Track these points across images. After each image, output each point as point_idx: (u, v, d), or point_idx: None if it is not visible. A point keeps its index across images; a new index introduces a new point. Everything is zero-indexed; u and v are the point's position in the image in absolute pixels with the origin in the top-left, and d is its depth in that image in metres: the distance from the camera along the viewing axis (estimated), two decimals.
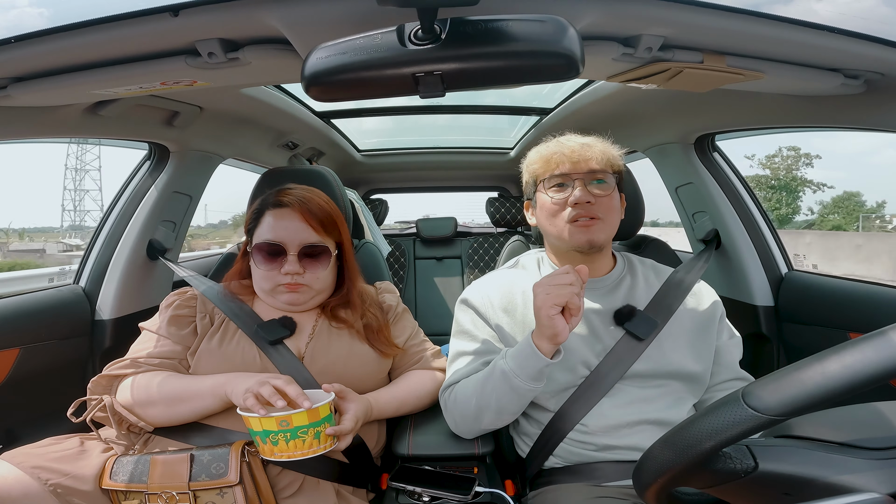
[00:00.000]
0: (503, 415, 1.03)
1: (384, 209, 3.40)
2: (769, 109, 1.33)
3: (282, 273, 1.09)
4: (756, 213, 1.74)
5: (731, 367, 1.12)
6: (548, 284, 0.93)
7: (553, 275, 0.95)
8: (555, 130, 1.21)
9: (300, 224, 1.11)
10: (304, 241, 1.10)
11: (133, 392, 1.01)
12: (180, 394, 1.00)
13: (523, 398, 1.00)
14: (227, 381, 0.98)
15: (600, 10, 0.79)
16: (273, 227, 1.10)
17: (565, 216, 1.06)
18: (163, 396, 1.00)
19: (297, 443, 0.88)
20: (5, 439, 1.38)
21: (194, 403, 1.00)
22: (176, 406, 1.00)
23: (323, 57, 0.69)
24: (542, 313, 0.91)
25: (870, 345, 0.48)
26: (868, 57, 0.93)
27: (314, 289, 1.13)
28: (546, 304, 0.91)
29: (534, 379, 0.96)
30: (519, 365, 0.96)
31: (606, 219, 1.07)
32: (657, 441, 0.60)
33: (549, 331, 0.91)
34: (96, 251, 1.67)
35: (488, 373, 1.02)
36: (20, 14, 24.57)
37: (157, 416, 1.01)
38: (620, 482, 0.97)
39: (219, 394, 0.98)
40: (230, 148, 1.93)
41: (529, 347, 0.95)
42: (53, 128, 1.23)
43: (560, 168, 1.07)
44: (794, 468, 0.52)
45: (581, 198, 1.04)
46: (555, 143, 1.11)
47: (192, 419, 1.02)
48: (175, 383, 1.02)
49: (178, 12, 0.76)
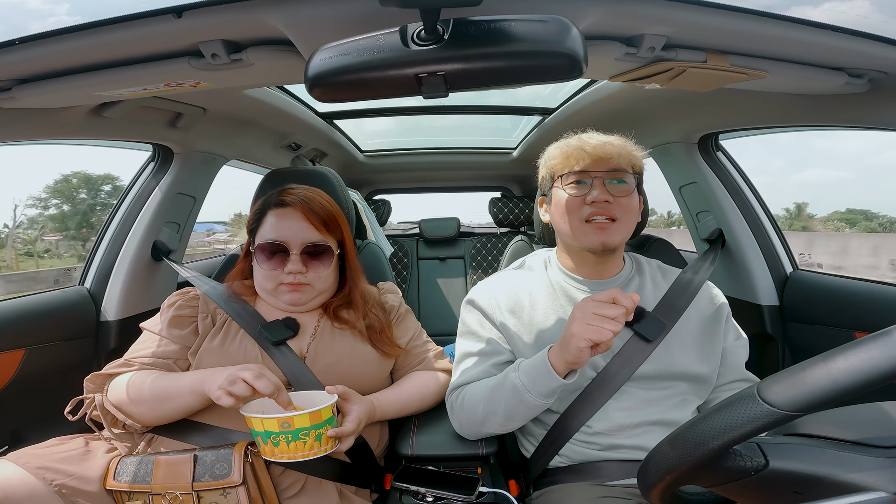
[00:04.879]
0: (510, 423, 1.03)
1: (387, 210, 3.40)
2: (773, 109, 1.33)
3: (284, 272, 1.09)
4: (760, 213, 1.73)
5: (736, 369, 1.11)
6: (592, 314, 0.86)
7: (600, 303, 0.88)
8: (558, 130, 1.20)
9: (303, 223, 1.11)
10: (306, 241, 1.11)
11: (121, 391, 1.00)
12: (163, 392, 0.99)
13: (532, 412, 0.99)
14: (204, 378, 0.96)
15: (603, 10, 0.79)
16: (276, 227, 1.11)
17: (581, 214, 1.04)
18: (148, 395, 0.99)
19: (297, 444, 0.88)
20: (11, 440, 1.39)
21: (177, 402, 0.98)
22: (161, 405, 0.99)
23: (326, 58, 0.69)
24: (574, 343, 0.86)
25: (882, 342, 0.47)
26: (872, 56, 0.93)
27: (316, 288, 1.13)
28: (583, 334, 0.85)
29: (545, 396, 0.95)
30: (532, 381, 0.95)
31: (623, 220, 1.04)
32: (664, 439, 0.60)
33: (573, 358, 0.88)
34: (101, 252, 1.68)
35: (499, 382, 1.01)
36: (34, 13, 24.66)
37: (145, 415, 1.00)
38: (624, 481, 0.97)
39: (197, 391, 0.95)
40: (233, 149, 1.94)
41: (545, 366, 0.93)
42: (58, 130, 1.23)
43: (579, 164, 1.05)
44: (805, 466, 0.52)
45: (599, 197, 1.02)
46: (576, 139, 1.08)
47: (179, 417, 1.02)
48: (159, 382, 1.00)
49: (182, 14, 0.76)
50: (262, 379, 0.88)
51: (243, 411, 0.89)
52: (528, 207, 3.08)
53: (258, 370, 0.90)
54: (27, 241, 25.65)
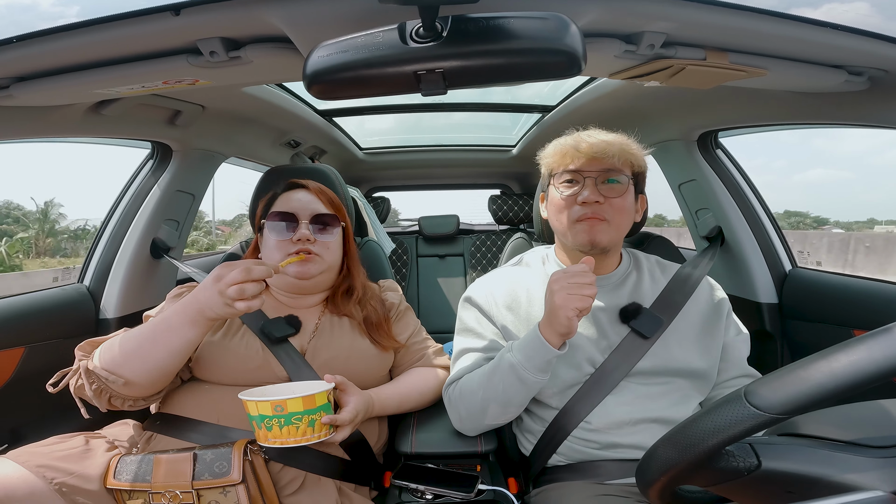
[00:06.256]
0: (509, 407, 1.03)
1: (386, 207, 3.40)
2: (772, 106, 1.33)
3: (293, 241, 1.11)
4: (760, 210, 1.73)
5: (738, 364, 1.11)
6: (569, 283, 0.91)
7: (573, 273, 0.92)
8: (557, 128, 1.20)
9: (312, 198, 1.17)
10: (315, 211, 1.15)
11: (112, 350, 0.96)
12: (149, 336, 0.94)
13: (530, 390, 1.00)
14: (196, 307, 0.91)
15: (602, 7, 0.79)
16: (286, 201, 1.16)
17: (572, 214, 1.05)
18: (133, 347, 0.94)
19: (290, 429, 0.88)
20: (10, 438, 1.39)
21: (171, 342, 0.93)
22: (150, 352, 0.94)
23: (324, 55, 0.69)
24: (562, 314, 0.90)
25: (874, 342, 0.47)
26: (871, 53, 0.93)
27: (325, 260, 1.14)
28: (568, 305, 0.89)
29: (541, 370, 0.96)
30: (527, 357, 0.96)
31: (613, 221, 1.04)
32: (660, 439, 0.60)
33: (565, 329, 0.91)
34: (100, 250, 1.67)
35: (494, 365, 1.02)
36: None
37: (135, 373, 0.94)
38: (623, 480, 0.97)
39: (196, 320, 0.91)
40: (232, 147, 1.94)
41: (538, 339, 0.95)
42: (56, 128, 1.23)
43: (573, 163, 1.05)
44: (798, 466, 0.52)
45: (589, 197, 1.02)
46: (574, 137, 1.08)
47: (172, 364, 0.96)
48: (140, 328, 0.97)
49: (180, 11, 0.76)
50: (253, 271, 0.89)
51: (241, 395, 0.90)
52: (528, 205, 3.08)
53: (243, 268, 0.89)
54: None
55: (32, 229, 23.45)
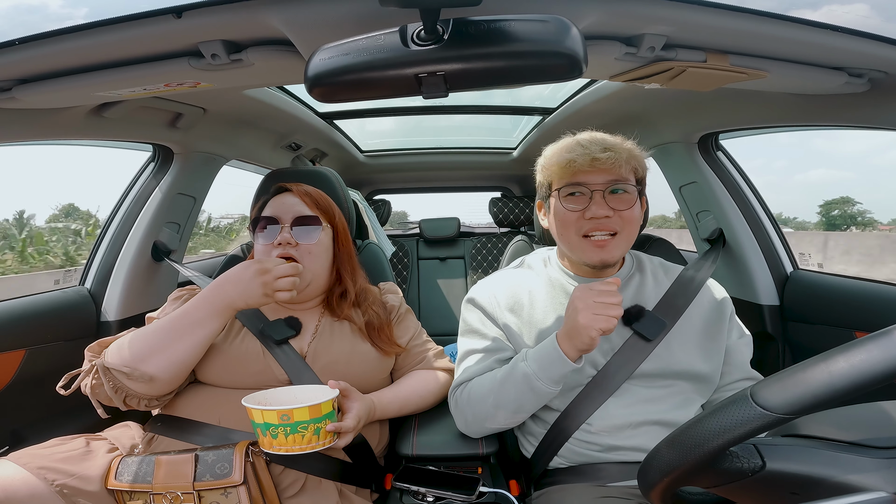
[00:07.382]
0: (519, 414, 1.03)
1: (387, 210, 3.40)
2: (773, 108, 1.33)
3: (274, 245, 1.11)
4: (761, 213, 1.73)
5: (741, 367, 1.11)
6: (595, 302, 0.89)
7: (600, 291, 0.90)
8: (558, 130, 1.19)
9: (296, 200, 1.17)
10: (297, 213, 1.15)
11: (124, 349, 0.97)
12: (169, 330, 0.98)
13: (542, 399, 1.00)
14: (217, 294, 0.99)
15: (603, 10, 0.79)
16: (272, 206, 1.17)
17: (579, 229, 1.02)
18: (155, 341, 0.97)
19: (295, 437, 0.88)
20: (11, 440, 1.39)
21: (193, 332, 0.98)
22: (174, 346, 0.97)
23: (325, 58, 0.69)
24: (585, 333, 0.88)
25: (877, 343, 0.47)
26: (872, 55, 0.93)
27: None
28: (593, 324, 0.88)
29: (556, 382, 0.96)
30: (542, 368, 0.96)
31: (624, 232, 1.02)
32: (663, 440, 0.60)
33: (586, 346, 0.91)
34: (101, 253, 1.68)
35: (507, 373, 1.01)
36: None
37: (160, 367, 0.96)
38: (625, 482, 0.97)
39: (224, 313, 0.99)
40: (234, 149, 1.94)
41: (556, 352, 0.94)
42: (58, 130, 1.23)
43: (577, 176, 1.01)
44: (802, 467, 0.52)
45: (598, 212, 0.99)
46: (574, 144, 1.02)
47: (194, 356, 1.00)
48: (156, 325, 1.00)
49: (181, 14, 0.76)
50: (298, 266, 1.04)
51: (245, 402, 0.90)
52: (529, 207, 3.08)
53: (291, 264, 1.04)
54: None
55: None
